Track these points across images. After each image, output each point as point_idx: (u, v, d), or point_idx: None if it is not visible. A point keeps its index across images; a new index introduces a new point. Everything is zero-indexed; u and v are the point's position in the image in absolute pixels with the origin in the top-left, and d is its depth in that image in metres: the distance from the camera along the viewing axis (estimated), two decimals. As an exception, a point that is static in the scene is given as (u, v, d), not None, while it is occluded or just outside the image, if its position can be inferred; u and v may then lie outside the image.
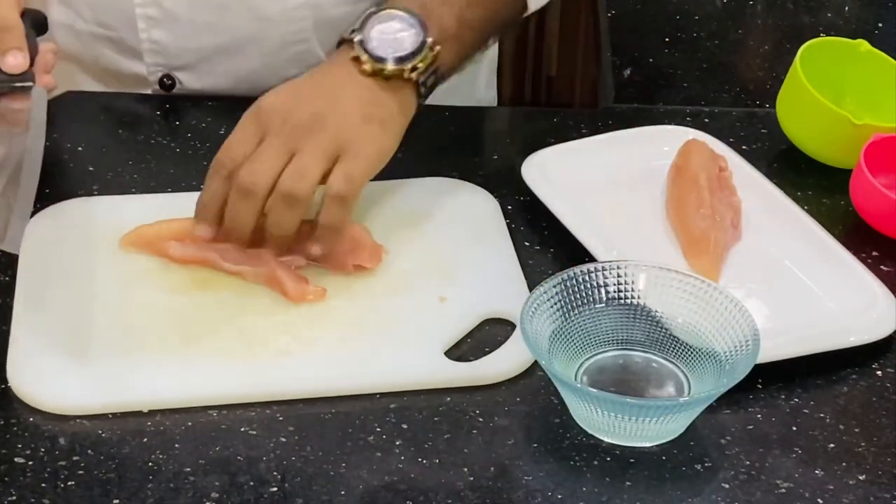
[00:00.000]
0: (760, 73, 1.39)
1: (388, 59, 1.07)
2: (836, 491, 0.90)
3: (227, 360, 0.98)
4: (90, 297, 1.03)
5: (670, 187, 1.14)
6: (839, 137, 1.19)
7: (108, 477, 0.90)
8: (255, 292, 1.04)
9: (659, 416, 0.91)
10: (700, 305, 0.97)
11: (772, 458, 0.93)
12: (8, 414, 0.94)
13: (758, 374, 0.95)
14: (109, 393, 0.95)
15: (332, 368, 0.98)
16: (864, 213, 1.14)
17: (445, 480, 0.90)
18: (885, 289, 1.04)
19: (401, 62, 1.08)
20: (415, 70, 1.08)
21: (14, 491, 0.88)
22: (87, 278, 1.05)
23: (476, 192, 1.16)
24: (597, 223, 1.10)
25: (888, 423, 0.96)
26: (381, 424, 0.94)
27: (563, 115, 1.30)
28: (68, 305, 1.02)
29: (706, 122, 1.26)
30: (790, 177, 1.20)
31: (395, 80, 1.08)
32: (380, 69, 1.07)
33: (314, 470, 0.91)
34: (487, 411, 0.96)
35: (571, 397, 0.94)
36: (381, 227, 1.10)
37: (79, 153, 1.19)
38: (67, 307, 1.02)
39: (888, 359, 1.02)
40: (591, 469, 0.91)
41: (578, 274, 0.98)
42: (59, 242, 1.08)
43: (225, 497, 0.88)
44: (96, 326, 1.01)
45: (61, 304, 1.02)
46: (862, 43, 1.25)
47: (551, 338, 0.96)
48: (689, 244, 1.09)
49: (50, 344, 0.99)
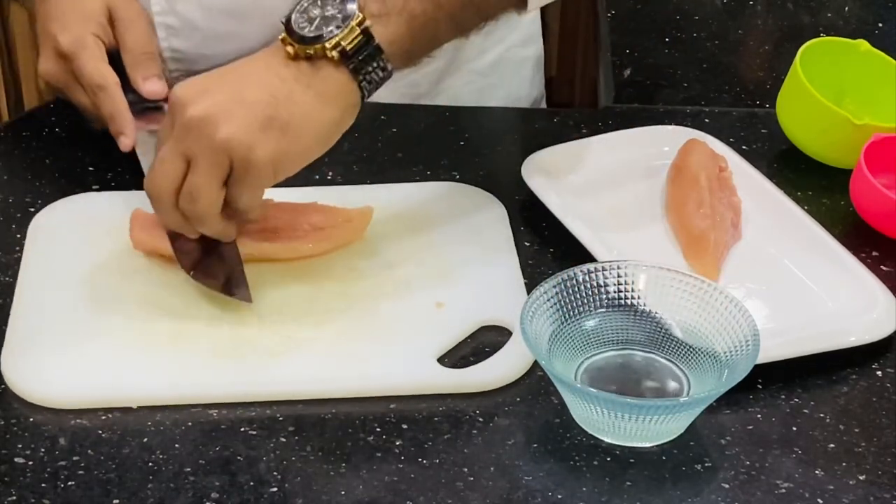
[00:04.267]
0: (760, 73, 1.39)
1: (306, 39, 0.99)
2: (836, 491, 0.90)
3: (217, 358, 0.98)
4: (88, 291, 1.04)
5: (670, 187, 1.14)
6: (839, 137, 1.19)
7: (108, 477, 0.90)
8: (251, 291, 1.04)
9: (659, 416, 0.91)
10: (700, 305, 0.98)
11: (772, 458, 0.93)
12: (8, 414, 0.94)
13: (758, 374, 0.95)
14: (97, 387, 0.96)
15: (321, 371, 0.98)
16: (864, 213, 1.15)
17: (445, 480, 0.90)
18: (885, 289, 1.04)
19: (318, 41, 0.98)
20: (338, 48, 0.98)
21: (14, 491, 0.88)
22: (87, 272, 1.06)
23: (484, 197, 1.15)
24: (597, 223, 1.10)
25: (888, 423, 0.96)
26: (381, 425, 0.94)
27: (563, 115, 1.30)
28: (65, 298, 1.03)
29: (706, 122, 1.26)
30: (790, 177, 1.20)
31: (319, 63, 0.99)
32: (301, 50, 0.99)
33: (314, 470, 0.91)
34: (487, 412, 0.96)
35: (571, 397, 0.94)
36: (386, 231, 1.10)
37: (90, 151, 1.19)
38: (64, 300, 1.03)
39: (888, 359, 1.02)
40: (591, 469, 0.91)
41: (578, 274, 0.98)
42: (66, 235, 1.09)
43: (225, 497, 0.88)
44: (91, 320, 1.01)
45: (59, 296, 1.03)
46: (862, 43, 1.25)
47: (551, 338, 0.96)
48: (689, 244, 1.09)
49: (44, 336, 1.00)
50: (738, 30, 1.47)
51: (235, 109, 0.97)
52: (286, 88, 0.99)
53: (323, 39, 0.99)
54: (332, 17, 0.99)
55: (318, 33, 0.99)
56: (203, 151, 0.97)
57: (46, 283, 1.05)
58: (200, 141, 0.97)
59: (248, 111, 0.97)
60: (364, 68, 1.00)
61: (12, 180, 1.17)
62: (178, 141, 0.98)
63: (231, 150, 0.97)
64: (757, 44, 1.45)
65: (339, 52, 0.98)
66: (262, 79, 1.00)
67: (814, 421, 0.96)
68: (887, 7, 1.50)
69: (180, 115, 0.98)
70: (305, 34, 0.99)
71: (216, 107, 0.98)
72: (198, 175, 0.98)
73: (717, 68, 1.39)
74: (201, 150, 0.97)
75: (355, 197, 1.13)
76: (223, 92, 0.99)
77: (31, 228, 1.10)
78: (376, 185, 1.16)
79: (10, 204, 1.14)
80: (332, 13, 0.99)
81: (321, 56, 0.99)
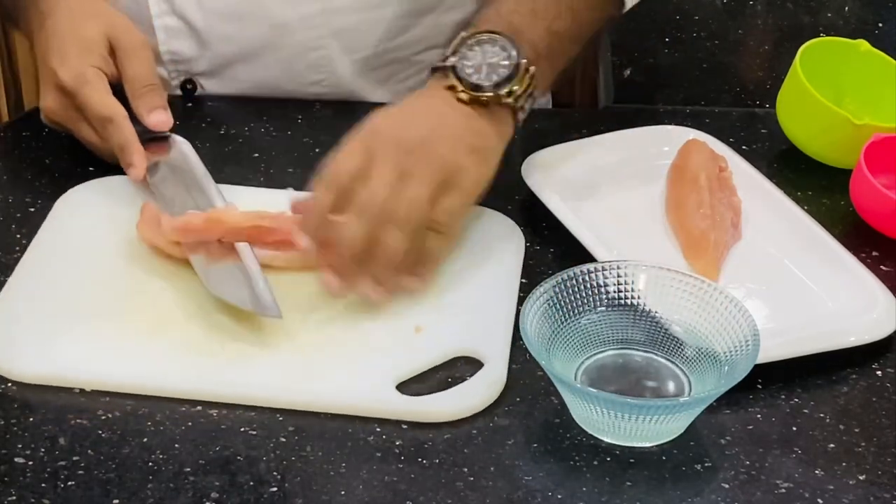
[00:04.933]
0: (760, 73, 1.39)
1: (483, 87, 1.06)
2: (836, 491, 0.90)
3: (186, 353, 0.98)
4: (82, 275, 1.05)
5: (670, 187, 1.14)
6: (839, 137, 1.19)
7: (108, 477, 0.90)
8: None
9: (659, 416, 0.91)
10: (700, 305, 0.98)
11: (772, 458, 0.93)
12: (8, 414, 0.94)
13: (758, 374, 0.95)
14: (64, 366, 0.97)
15: (281, 379, 0.97)
16: (864, 213, 1.14)
17: (445, 480, 0.90)
18: (885, 289, 1.04)
19: (497, 88, 1.06)
20: (511, 94, 1.07)
21: (14, 491, 0.88)
22: (87, 257, 1.06)
23: (504, 223, 1.12)
24: (597, 223, 1.10)
25: (888, 423, 0.96)
26: (381, 424, 0.94)
27: (563, 115, 1.30)
28: (58, 279, 1.04)
29: (706, 122, 1.26)
30: (790, 177, 1.20)
31: (492, 106, 1.07)
32: (476, 97, 1.06)
33: (314, 470, 0.91)
34: (487, 411, 0.96)
35: (571, 397, 0.94)
36: None
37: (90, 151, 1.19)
38: (56, 280, 1.04)
39: (888, 359, 1.02)
40: (591, 469, 0.91)
41: (578, 274, 0.98)
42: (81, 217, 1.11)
43: (225, 497, 0.88)
44: (78, 303, 1.02)
45: (52, 276, 1.05)
46: (862, 43, 1.25)
47: (551, 338, 0.96)
48: (689, 244, 1.09)
49: (27, 314, 1.01)
50: (738, 30, 1.47)
51: (445, 135, 1.04)
52: (474, 123, 1.06)
53: (500, 89, 1.07)
54: (498, 65, 1.07)
55: (489, 82, 1.06)
56: (423, 166, 1.02)
57: (51, 260, 1.06)
58: (421, 160, 1.02)
59: (456, 139, 1.04)
60: (524, 107, 1.09)
61: (12, 180, 1.17)
62: (397, 161, 1.02)
63: (448, 170, 1.02)
64: (757, 44, 1.45)
65: (513, 98, 1.07)
66: (451, 117, 1.06)
67: (814, 421, 0.96)
68: (887, 7, 1.50)
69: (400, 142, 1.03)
70: (480, 82, 1.06)
71: (429, 135, 1.04)
72: (417, 183, 1.01)
73: (717, 68, 1.39)
74: (422, 166, 1.02)
75: None
76: (426, 124, 1.05)
77: (58, 203, 1.12)
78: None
79: (10, 204, 1.14)
80: (496, 60, 1.07)
81: (495, 102, 1.07)
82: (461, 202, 1.04)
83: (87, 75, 1.13)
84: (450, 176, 1.02)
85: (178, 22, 1.26)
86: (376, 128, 1.04)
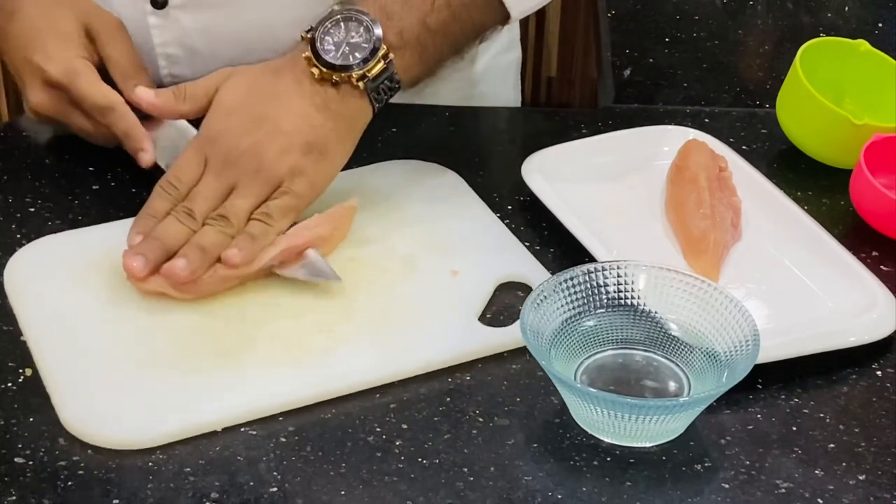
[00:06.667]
0: (760, 73, 1.39)
1: (336, 67, 1.05)
2: (836, 491, 0.90)
3: (273, 368, 0.97)
4: (111, 327, 1.00)
5: (670, 187, 1.15)
6: (839, 137, 1.19)
7: (108, 477, 0.90)
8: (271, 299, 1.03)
9: (659, 416, 0.91)
10: (700, 305, 0.98)
11: (772, 458, 0.93)
12: (8, 414, 0.94)
13: (758, 374, 0.95)
14: (175, 420, 0.93)
15: (377, 357, 0.98)
16: (864, 213, 1.15)
17: (445, 480, 0.90)
18: (885, 289, 1.04)
19: (347, 70, 1.05)
20: (363, 78, 1.06)
21: (14, 491, 0.88)
22: (98, 309, 1.01)
23: (434, 168, 1.17)
24: (597, 223, 1.10)
25: (888, 423, 0.96)
26: (381, 424, 0.94)
27: (563, 115, 1.30)
28: (90, 340, 0.99)
29: (706, 122, 1.26)
30: (790, 177, 1.20)
31: (343, 87, 1.06)
32: (328, 75, 1.05)
33: (314, 470, 0.91)
34: (487, 411, 0.96)
35: (571, 397, 0.94)
36: (363, 216, 1.10)
37: (90, 151, 1.19)
38: (90, 341, 0.99)
39: (888, 359, 1.02)
40: (591, 469, 0.91)
41: (578, 274, 0.98)
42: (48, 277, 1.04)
43: (225, 497, 0.88)
44: (128, 357, 0.97)
45: (83, 339, 0.99)
46: (862, 43, 1.25)
47: (551, 337, 0.96)
48: (689, 244, 1.09)
49: (91, 380, 0.96)
50: (738, 30, 1.47)
51: (279, 137, 1.04)
52: (320, 117, 1.06)
53: (351, 69, 1.05)
54: (358, 46, 1.06)
55: (345, 62, 1.06)
56: (249, 180, 1.04)
57: (62, 322, 1.00)
58: (248, 174, 1.04)
59: (291, 139, 1.04)
60: (381, 93, 1.07)
61: (12, 180, 1.17)
62: (224, 176, 1.04)
63: (276, 179, 1.04)
64: (757, 44, 1.45)
65: (364, 83, 1.06)
66: (294, 105, 1.06)
67: (814, 421, 0.96)
68: (887, 7, 1.50)
69: (228, 154, 1.04)
70: (333, 61, 1.05)
71: (260, 141, 1.04)
72: (241, 198, 1.04)
73: (717, 68, 1.39)
74: (247, 180, 1.04)
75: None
76: (260, 124, 1.05)
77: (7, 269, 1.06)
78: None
79: (10, 204, 1.14)
80: (358, 41, 1.06)
81: (346, 82, 1.06)
82: (289, 205, 1.04)
83: (77, 67, 1.13)
84: (279, 183, 1.04)
85: (181, 49, 1.25)
86: (212, 135, 1.06)
